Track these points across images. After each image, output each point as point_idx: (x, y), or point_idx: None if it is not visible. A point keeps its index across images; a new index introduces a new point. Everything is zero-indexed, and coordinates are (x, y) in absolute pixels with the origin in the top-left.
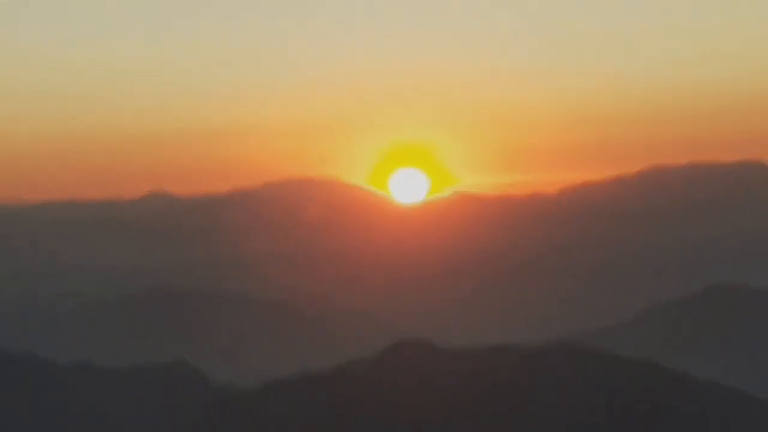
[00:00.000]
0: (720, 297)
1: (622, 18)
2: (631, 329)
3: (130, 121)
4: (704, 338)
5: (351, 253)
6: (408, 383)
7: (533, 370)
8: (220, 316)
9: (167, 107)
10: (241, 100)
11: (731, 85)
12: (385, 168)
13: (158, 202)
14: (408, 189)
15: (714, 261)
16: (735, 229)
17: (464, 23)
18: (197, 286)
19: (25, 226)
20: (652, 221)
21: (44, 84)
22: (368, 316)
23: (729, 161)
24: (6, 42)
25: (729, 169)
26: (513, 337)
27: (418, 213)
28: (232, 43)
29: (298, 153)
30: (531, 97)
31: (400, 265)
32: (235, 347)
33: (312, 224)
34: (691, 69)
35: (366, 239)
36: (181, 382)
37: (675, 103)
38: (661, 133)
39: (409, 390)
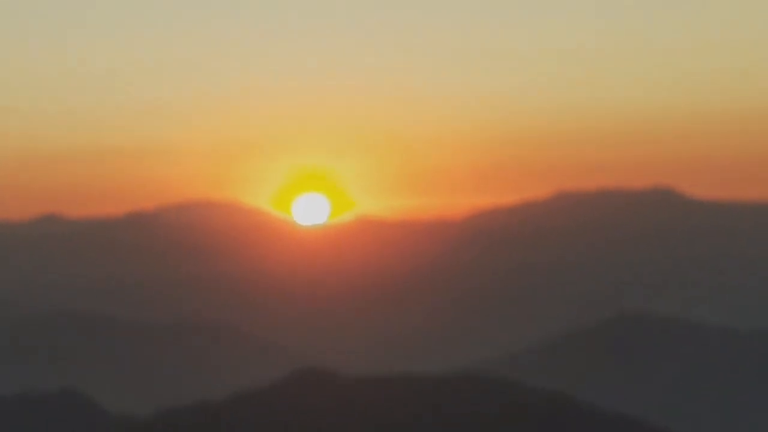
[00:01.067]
0: (629, 325)
1: (530, 35)
2: (539, 358)
3: (22, 139)
4: (613, 367)
5: (250, 278)
6: (308, 412)
7: (437, 400)
8: (114, 342)
9: (62, 125)
10: (140, 119)
11: (643, 108)
12: (286, 192)
13: (50, 224)
14: (310, 213)
15: (623, 288)
16: (644, 256)
17: (362, 42)
18: (90, 311)
19: None
20: (560, 247)
21: None
22: (268, 342)
23: (639, 187)
24: None
25: (639, 194)
26: (416, 365)
27: (319, 237)
28: (132, 58)
29: (197, 175)
30: (435, 118)
31: (301, 290)
32: (130, 374)
33: (210, 247)
34: (602, 91)
35: (266, 263)
36: (70, 411)
37: (584, 126)
38: (569, 157)
39: (309, 419)
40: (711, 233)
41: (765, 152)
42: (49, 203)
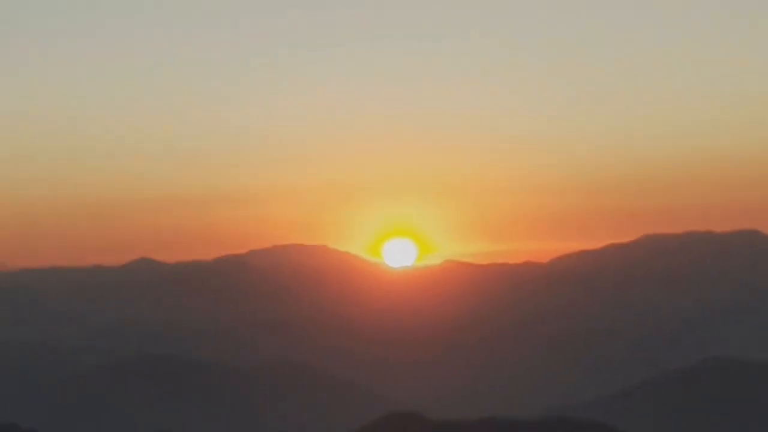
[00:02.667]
0: (717, 369)
1: (619, 83)
2: (628, 402)
3: (117, 186)
4: (700, 411)
5: (341, 321)
6: None
7: None
8: (205, 384)
9: (155, 173)
10: (229, 167)
11: (729, 153)
12: (375, 236)
13: (144, 268)
14: (399, 257)
15: (711, 332)
16: (732, 300)
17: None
18: (181, 354)
19: (6, 293)
20: (646, 290)
21: (28, 146)
22: (358, 386)
23: (726, 230)
24: None
25: (726, 238)
26: (505, 408)
27: (408, 280)
28: (222, 109)
29: (287, 220)
30: (519, 164)
31: (391, 334)
32: (222, 416)
33: (300, 291)
34: (689, 137)
35: (357, 307)
36: None
37: (673, 171)
38: (657, 202)
39: None
40: None
41: None
42: (143, 248)
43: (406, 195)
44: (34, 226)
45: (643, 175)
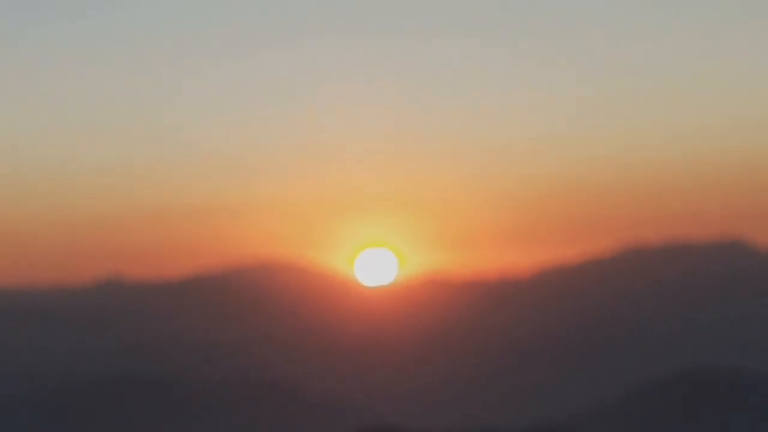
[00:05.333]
0: (700, 380)
1: (595, 88)
2: (610, 412)
3: (82, 202)
4: (683, 421)
5: (314, 340)
6: None
7: None
8: (178, 404)
9: (124, 187)
10: (201, 181)
11: (709, 158)
12: (352, 251)
13: (114, 288)
14: (374, 270)
15: (694, 342)
16: (715, 311)
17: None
18: (153, 374)
19: None
20: (628, 304)
21: None
22: (334, 402)
23: (707, 240)
24: None
25: (707, 248)
26: (487, 422)
27: (385, 296)
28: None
29: (263, 235)
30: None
31: (369, 352)
32: None
33: (276, 309)
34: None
35: (333, 324)
36: None
37: (654, 178)
38: (637, 210)
39: None
40: None
41: None
42: (112, 265)
43: (385, 207)
44: None
45: (623, 182)
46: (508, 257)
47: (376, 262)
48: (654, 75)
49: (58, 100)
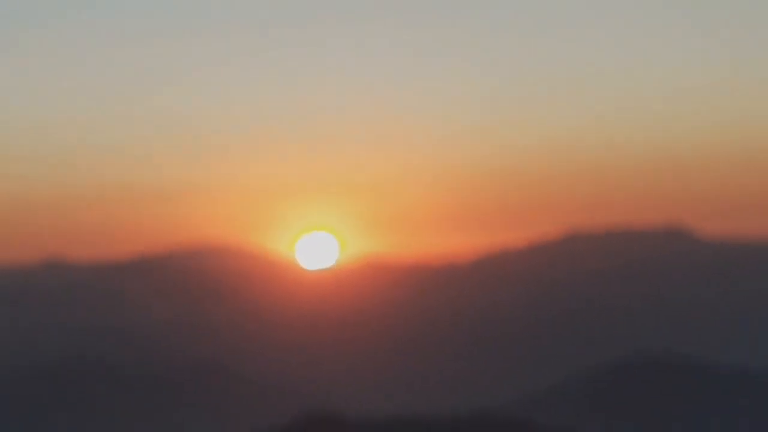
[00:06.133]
0: (640, 365)
1: (534, 72)
2: (550, 398)
3: (22, 183)
4: (625, 406)
5: (255, 322)
6: None
7: None
8: (120, 388)
9: (66, 167)
10: (146, 159)
11: (651, 147)
12: (295, 234)
13: (56, 268)
14: (316, 254)
15: (635, 330)
16: (655, 297)
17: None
18: (94, 358)
19: None
20: (570, 290)
21: None
22: (275, 385)
23: (648, 227)
24: None
25: (649, 235)
26: (426, 407)
27: (325, 279)
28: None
29: (206, 217)
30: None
31: (307, 334)
32: (131, 420)
33: (218, 292)
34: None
35: (273, 308)
36: None
37: (591, 162)
38: (580, 195)
39: None
40: (722, 272)
41: None
42: (53, 247)
43: (327, 191)
44: None
45: (566, 168)
46: (451, 242)
47: (317, 245)
48: (601, 63)
49: (2, 83)
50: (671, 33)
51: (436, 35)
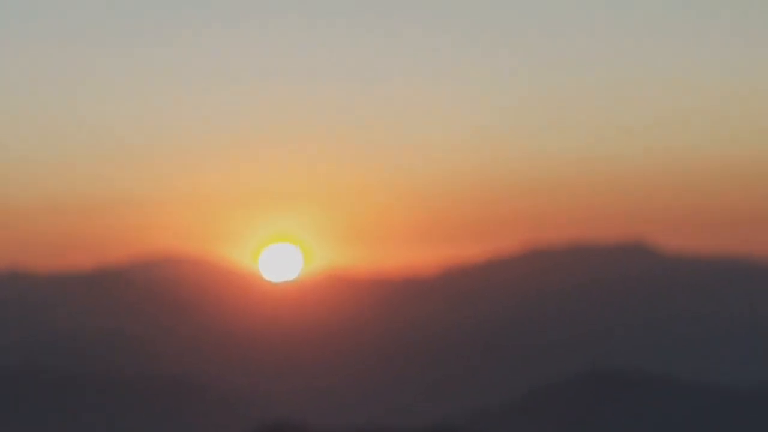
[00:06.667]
0: (601, 380)
1: (501, 88)
2: (510, 412)
3: None
4: (585, 422)
5: (217, 334)
6: None
7: None
8: (81, 398)
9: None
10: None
11: (612, 160)
12: (258, 245)
13: (14, 279)
14: (279, 266)
15: (596, 345)
16: (616, 312)
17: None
18: (55, 368)
19: None
20: (531, 304)
21: None
22: (237, 398)
23: (609, 241)
24: None
25: (609, 249)
26: (389, 419)
27: (289, 292)
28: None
29: (167, 229)
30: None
31: (269, 346)
32: (97, 431)
33: (180, 304)
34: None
35: (236, 320)
36: None
37: (552, 174)
38: (540, 208)
39: None
40: (684, 288)
41: (739, 204)
42: (12, 257)
43: (291, 202)
44: None
45: (527, 182)
46: (414, 255)
47: (281, 257)
48: (561, 75)
49: None
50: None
51: (408, 50)
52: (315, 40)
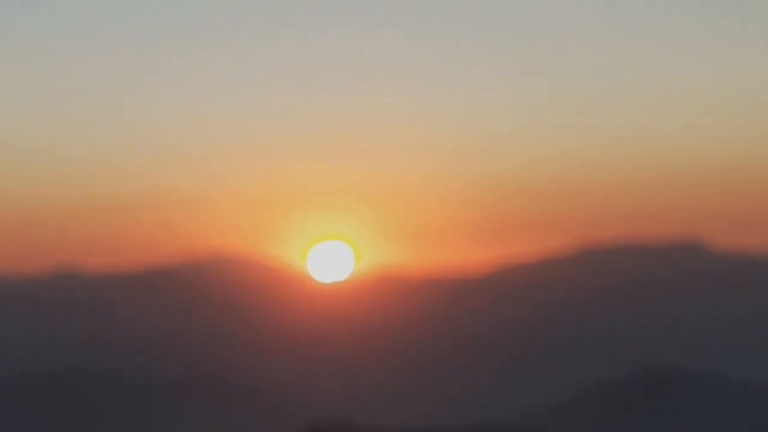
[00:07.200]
0: (655, 379)
1: (553, 88)
2: (563, 412)
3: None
4: (636, 422)
5: (266, 334)
6: None
7: None
8: (132, 399)
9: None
10: (158, 168)
11: (667, 159)
12: (309, 245)
13: (68, 279)
14: (329, 265)
15: (649, 342)
16: (670, 311)
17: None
18: (106, 368)
19: None
20: (585, 304)
21: None
22: (287, 397)
23: (663, 241)
24: None
25: (663, 249)
26: (439, 420)
27: (340, 292)
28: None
29: (218, 226)
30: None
31: (319, 345)
32: (144, 431)
33: (229, 303)
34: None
35: (285, 320)
36: None
37: (608, 177)
38: (590, 206)
39: None
40: (737, 287)
41: None
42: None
43: (343, 201)
44: None
45: (581, 182)
46: (466, 255)
47: (331, 256)
48: (611, 76)
49: (9, 90)
50: (691, 44)
51: (458, 43)
52: (369, 45)
